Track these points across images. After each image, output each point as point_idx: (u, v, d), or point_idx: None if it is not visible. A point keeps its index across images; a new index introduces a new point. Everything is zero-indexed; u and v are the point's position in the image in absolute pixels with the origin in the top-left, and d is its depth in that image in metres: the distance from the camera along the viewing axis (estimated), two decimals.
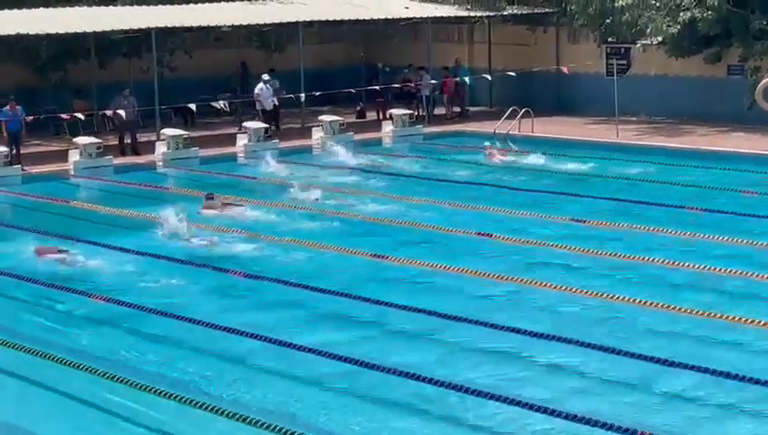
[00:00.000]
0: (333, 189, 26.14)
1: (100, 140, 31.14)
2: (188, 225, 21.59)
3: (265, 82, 34.56)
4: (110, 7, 35.69)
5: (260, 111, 34.97)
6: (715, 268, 18.38)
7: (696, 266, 18.56)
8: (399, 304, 16.71)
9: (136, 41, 35.97)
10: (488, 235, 21.21)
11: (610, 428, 12.02)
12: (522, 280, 18.13)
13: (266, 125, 33.94)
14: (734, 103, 33.27)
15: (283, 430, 12.24)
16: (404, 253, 19.93)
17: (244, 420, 12.63)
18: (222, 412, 12.91)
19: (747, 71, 33.32)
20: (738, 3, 33.08)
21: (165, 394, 13.52)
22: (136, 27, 33.74)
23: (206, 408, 13.03)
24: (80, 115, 32.76)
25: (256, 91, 34.82)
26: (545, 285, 17.74)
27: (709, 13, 32.56)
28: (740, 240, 20.21)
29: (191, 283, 18.79)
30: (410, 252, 19.99)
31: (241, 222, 22.92)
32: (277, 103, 35.69)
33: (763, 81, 30.05)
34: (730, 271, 18.18)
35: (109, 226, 23.61)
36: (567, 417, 12.45)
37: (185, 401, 13.28)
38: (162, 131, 32.45)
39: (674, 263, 18.81)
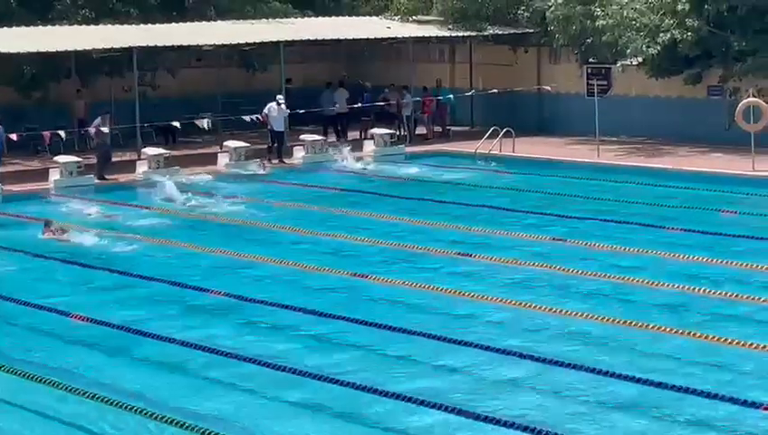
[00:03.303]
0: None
1: (80, 159, 31.07)
2: None
3: (278, 103, 34.12)
4: (92, 26, 35.64)
5: (269, 131, 34.47)
6: (695, 288, 18.44)
7: (678, 287, 18.61)
8: None
9: (118, 60, 35.96)
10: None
11: None
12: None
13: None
14: (714, 124, 33.45)
15: None
16: None
17: None
18: None
19: (727, 91, 33.49)
20: (718, 24, 33.29)
21: None
22: (118, 46, 33.74)
23: None
24: (61, 133, 32.69)
25: (265, 111, 34.32)
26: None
27: (689, 34, 32.73)
28: (720, 260, 20.31)
29: None
30: None
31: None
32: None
33: (744, 101, 30.35)
34: (711, 291, 18.25)
35: None
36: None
37: None
38: (143, 150, 32.43)
39: (655, 283, 18.88)
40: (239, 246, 22.59)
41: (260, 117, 34.19)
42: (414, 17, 39.87)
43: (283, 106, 33.82)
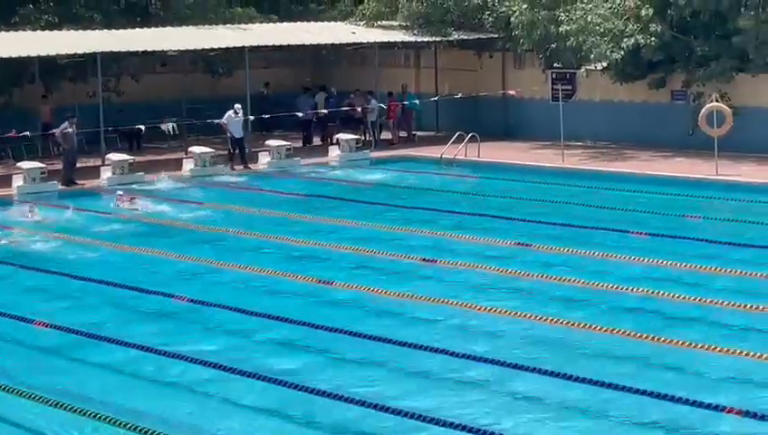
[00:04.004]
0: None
1: (44, 165, 30.90)
2: None
3: (236, 112, 33.99)
4: (56, 32, 35.47)
5: (229, 139, 34.33)
6: (661, 293, 18.51)
7: (642, 290, 18.68)
8: None
9: (82, 65, 35.79)
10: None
11: None
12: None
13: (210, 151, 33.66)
14: (678, 129, 33.63)
15: None
16: None
17: None
18: None
19: (690, 96, 33.67)
20: (681, 29, 33.48)
21: None
22: (81, 51, 33.58)
23: None
24: (27, 133, 32.52)
25: (224, 119, 34.16)
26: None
27: (653, 39, 32.89)
28: (684, 264, 20.40)
29: None
30: None
31: None
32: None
33: (707, 106, 30.52)
34: (675, 295, 18.31)
35: None
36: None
37: None
38: (107, 156, 32.28)
39: (619, 287, 18.93)
40: (203, 252, 22.50)
41: (220, 123, 34.11)
42: (379, 22, 39.89)
43: (240, 114, 33.75)
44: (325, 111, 37.93)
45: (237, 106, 33.75)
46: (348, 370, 15.56)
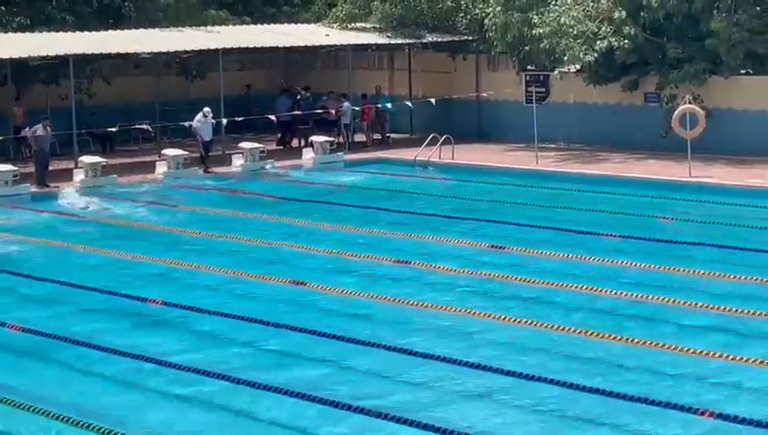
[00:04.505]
0: None
1: (15, 168, 30.72)
2: None
3: (205, 115, 33.94)
4: (28, 34, 35.30)
5: (200, 142, 34.24)
6: (633, 293, 18.54)
7: (615, 292, 18.71)
8: None
9: (54, 67, 35.64)
10: None
11: None
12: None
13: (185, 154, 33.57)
14: (651, 130, 33.72)
15: None
16: None
17: None
18: None
19: (663, 98, 33.77)
20: (654, 31, 33.59)
21: None
22: (54, 54, 33.41)
23: None
24: None
25: (194, 123, 34.10)
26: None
27: (626, 41, 32.98)
28: (657, 266, 20.45)
29: None
30: None
31: None
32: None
33: (680, 108, 30.63)
34: (648, 296, 18.36)
35: None
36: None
37: None
38: (80, 159, 32.15)
39: (592, 289, 18.96)
40: (177, 255, 22.42)
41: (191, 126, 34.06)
42: (353, 25, 39.86)
43: (209, 117, 33.68)
44: (299, 112, 37.88)
45: (206, 109, 33.69)
46: (315, 370, 15.57)
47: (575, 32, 33.34)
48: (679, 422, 13.21)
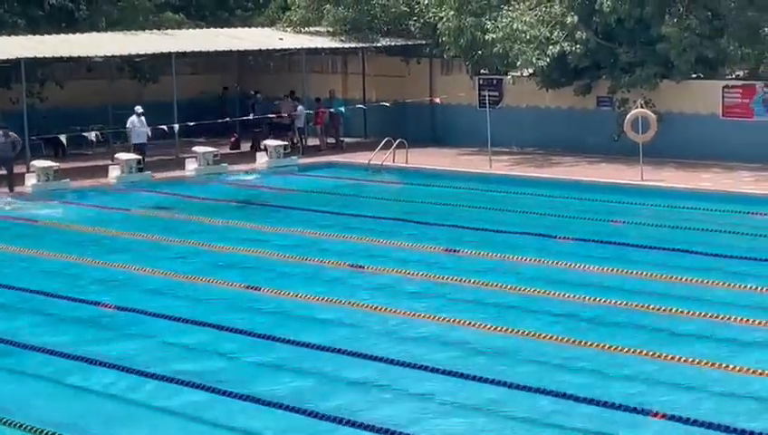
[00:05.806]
0: None
1: None
2: None
3: (138, 115, 33.93)
4: None
5: (133, 145, 34.17)
6: (586, 297, 18.64)
7: (569, 296, 18.80)
8: None
9: (5, 71, 35.37)
10: None
11: None
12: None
13: (139, 157, 33.44)
14: (604, 134, 33.91)
15: None
16: None
17: None
18: None
19: (616, 102, 33.98)
20: (606, 36, 33.78)
21: None
22: (4, 57, 33.17)
23: None
24: None
25: (128, 124, 34.07)
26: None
27: (578, 46, 33.15)
28: (610, 269, 20.57)
29: None
30: None
31: None
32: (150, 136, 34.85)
33: (632, 112, 30.83)
34: (601, 300, 18.46)
35: None
36: None
37: None
38: (32, 163, 31.94)
39: (547, 292, 19.05)
40: (129, 259, 22.32)
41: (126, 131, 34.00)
42: (307, 29, 39.84)
43: (143, 118, 33.56)
44: (251, 117, 37.82)
45: (138, 108, 33.65)
46: (267, 374, 15.61)
47: (528, 37, 33.47)
48: (628, 423, 13.30)
